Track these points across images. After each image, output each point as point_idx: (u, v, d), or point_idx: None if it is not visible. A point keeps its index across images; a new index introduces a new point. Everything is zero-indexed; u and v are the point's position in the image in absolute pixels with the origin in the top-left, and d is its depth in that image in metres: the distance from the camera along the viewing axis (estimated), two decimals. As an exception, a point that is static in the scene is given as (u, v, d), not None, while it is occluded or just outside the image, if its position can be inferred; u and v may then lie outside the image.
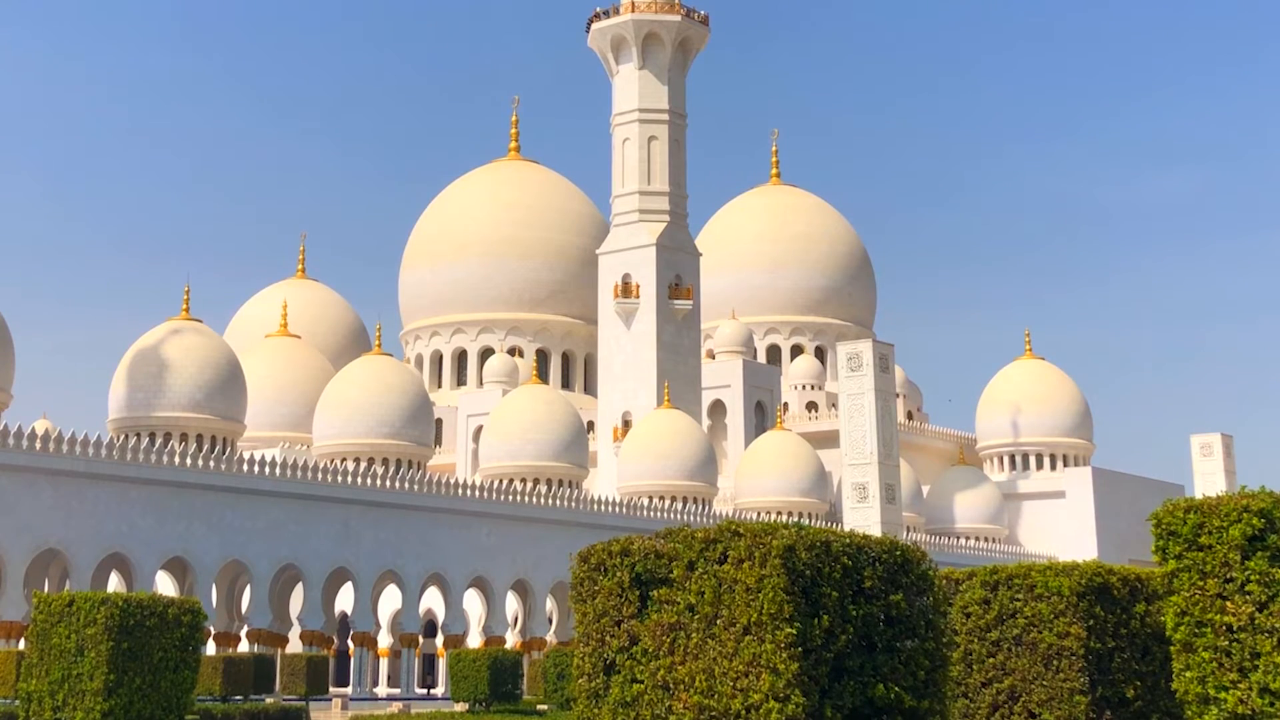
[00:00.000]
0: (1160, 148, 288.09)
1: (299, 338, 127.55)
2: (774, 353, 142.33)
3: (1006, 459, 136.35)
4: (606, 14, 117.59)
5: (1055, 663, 18.66)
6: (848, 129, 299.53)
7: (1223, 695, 13.75)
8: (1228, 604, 13.90)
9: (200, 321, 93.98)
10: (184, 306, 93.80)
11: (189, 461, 71.66)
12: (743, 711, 13.43)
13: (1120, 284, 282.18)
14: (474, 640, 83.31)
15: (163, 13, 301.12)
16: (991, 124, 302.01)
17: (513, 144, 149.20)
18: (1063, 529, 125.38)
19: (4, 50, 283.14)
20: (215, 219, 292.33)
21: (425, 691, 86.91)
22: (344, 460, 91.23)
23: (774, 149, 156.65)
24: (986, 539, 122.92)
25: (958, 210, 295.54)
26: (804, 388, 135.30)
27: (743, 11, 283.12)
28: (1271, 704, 13.41)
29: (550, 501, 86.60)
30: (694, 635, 13.94)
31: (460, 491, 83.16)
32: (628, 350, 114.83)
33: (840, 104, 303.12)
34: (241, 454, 78.10)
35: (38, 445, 66.23)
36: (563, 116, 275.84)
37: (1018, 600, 19.22)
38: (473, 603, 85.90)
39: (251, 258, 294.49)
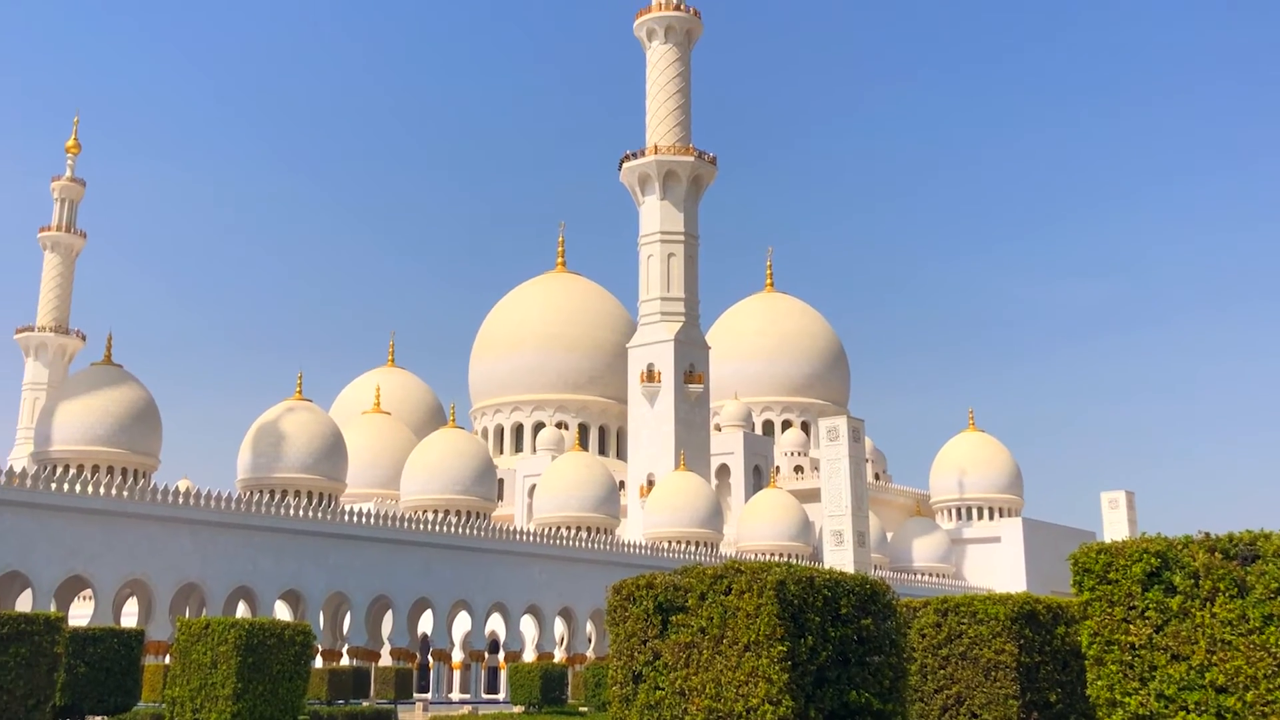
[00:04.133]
0: (1074, 262, 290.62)
1: (389, 414, 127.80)
2: (768, 426, 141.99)
3: (954, 511, 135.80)
4: (635, 155, 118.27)
5: (993, 674, 18.59)
6: (827, 246, 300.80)
7: (1127, 700, 13.70)
8: (1131, 627, 13.87)
9: (310, 401, 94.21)
10: (298, 389, 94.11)
11: (301, 513, 71.75)
12: (744, 713, 13.43)
13: (1045, 370, 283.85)
14: (529, 655, 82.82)
15: (279, 146, 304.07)
16: (942, 239, 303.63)
17: (559, 259, 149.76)
18: (999, 567, 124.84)
19: (153, 179, 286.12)
20: (323, 318, 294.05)
21: (490, 697, 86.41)
22: (425, 512, 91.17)
23: (769, 263, 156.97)
24: (938, 575, 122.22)
25: (915, 309, 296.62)
26: (792, 454, 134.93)
27: (745, 152, 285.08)
28: (1166, 707, 13.37)
29: (589, 545, 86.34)
30: (705, 652, 13.96)
31: (518, 537, 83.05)
32: (651, 424, 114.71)
33: (820, 226, 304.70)
34: (343, 507, 78.12)
35: (181, 500, 66.41)
36: (599, 236, 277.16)
37: (963, 624, 19.17)
38: (528, 625, 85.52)
39: (352, 350, 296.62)
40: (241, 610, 70.37)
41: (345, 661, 74.79)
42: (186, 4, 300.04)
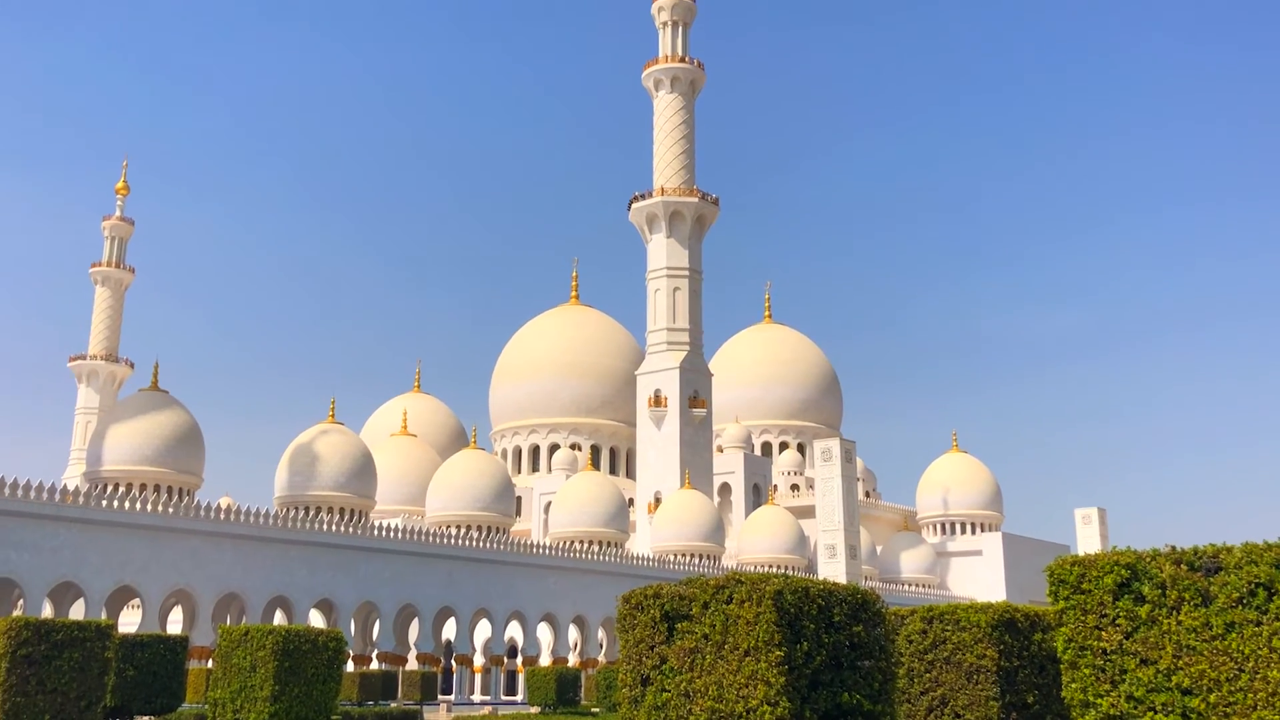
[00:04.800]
0: (1048, 293, 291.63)
1: (415, 436, 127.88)
2: (767, 448, 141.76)
3: (939, 526, 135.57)
4: (643, 196, 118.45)
5: (975, 677, 18.58)
6: (821, 280, 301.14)
7: (1099, 701, 13.73)
8: (1102, 633, 13.90)
9: (342, 424, 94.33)
10: (330, 413, 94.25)
11: (334, 528, 71.77)
12: (744, 714, 13.43)
13: (1023, 394, 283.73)
14: (545, 660, 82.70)
15: (315, 188, 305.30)
16: (928, 272, 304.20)
17: (573, 293, 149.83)
18: (980, 578, 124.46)
19: (198, 219, 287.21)
20: (354, 348, 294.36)
21: (509, 698, 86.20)
22: (448, 527, 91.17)
23: (767, 296, 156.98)
24: (924, 585, 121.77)
25: (903, 338, 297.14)
26: (789, 473, 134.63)
27: (745, 191, 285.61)
28: (1135, 708, 13.39)
29: (601, 558, 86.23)
30: (708, 656, 13.97)
31: (534, 550, 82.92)
32: (658, 446, 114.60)
33: (815, 261, 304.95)
34: (373, 522, 78.14)
35: (222, 516, 66.49)
36: (610, 271, 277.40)
37: (947, 631, 19.16)
38: (544, 632, 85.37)
39: (381, 377, 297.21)
40: (278, 618, 70.35)
41: (374, 665, 74.63)
42: (229, 57, 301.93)
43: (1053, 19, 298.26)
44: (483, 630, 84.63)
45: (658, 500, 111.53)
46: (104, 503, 62.00)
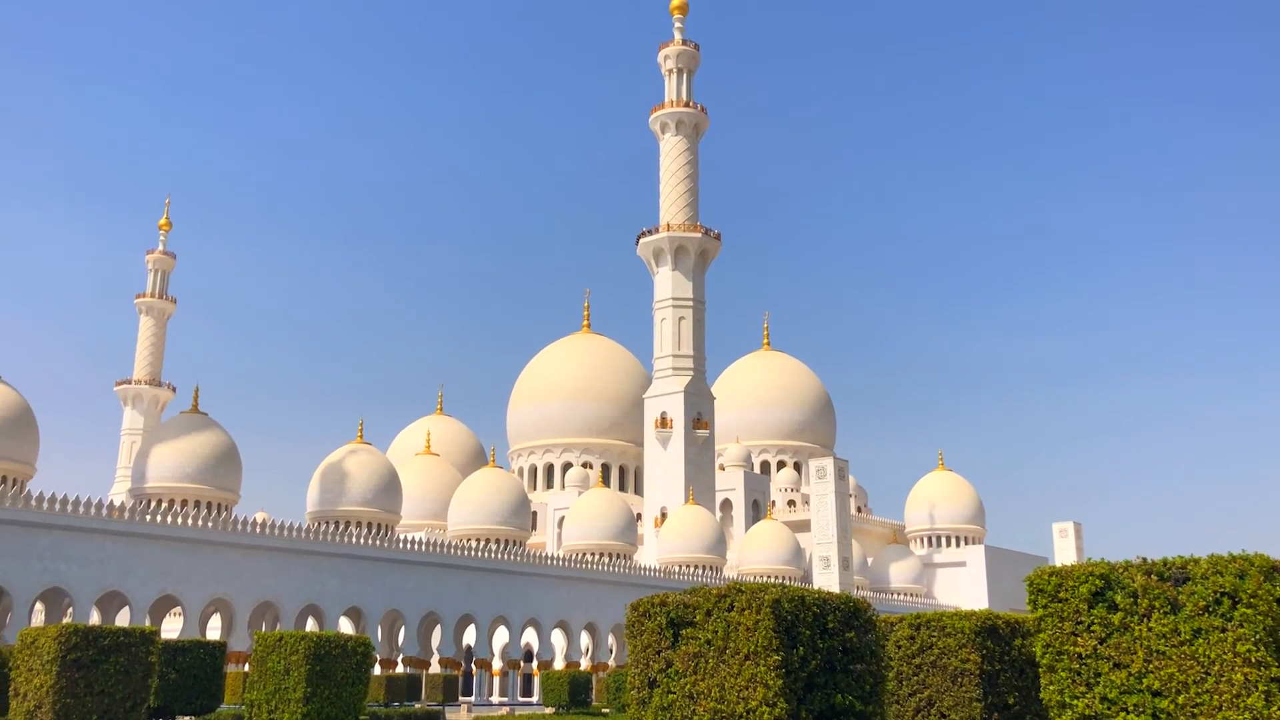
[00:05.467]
0: (1028, 322, 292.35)
1: (438, 455, 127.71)
2: (765, 466, 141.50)
3: (925, 539, 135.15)
4: (650, 232, 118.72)
5: (959, 680, 18.53)
6: (816, 309, 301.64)
7: (1075, 703, 13.71)
8: (1078, 639, 13.89)
9: (370, 444, 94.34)
10: (359, 434, 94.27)
11: (362, 541, 71.73)
12: (744, 714, 13.39)
13: (1004, 416, 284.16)
14: (559, 664, 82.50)
15: (344, 224, 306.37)
16: (916, 302, 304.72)
17: (585, 322, 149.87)
18: (964, 587, 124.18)
19: (235, 253, 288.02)
20: (381, 373, 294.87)
21: (525, 699, 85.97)
22: (469, 540, 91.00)
23: (765, 325, 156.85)
24: (911, 594, 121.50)
25: (893, 364, 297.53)
26: (786, 490, 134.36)
27: (745, 228, 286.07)
28: (1109, 709, 13.37)
29: (611, 568, 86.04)
30: (710, 661, 13.95)
31: (549, 562, 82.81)
32: (664, 464, 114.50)
33: (811, 291, 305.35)
34: (398, 536, 78.12)
35: (258, 530, 66.51)
36: (619, 302, 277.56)
37: (933, 637, 19.13)
38: (558, 638, 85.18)
39: (406, 400, 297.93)
40: (310, 625, 70.31)
41: (400, 669, 74.54)
42: (266, 103, 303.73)
43: (1031, 68, 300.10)
44: (501, 636, 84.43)
45: (664, 515, 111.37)
46: (148, 517, 62.05)
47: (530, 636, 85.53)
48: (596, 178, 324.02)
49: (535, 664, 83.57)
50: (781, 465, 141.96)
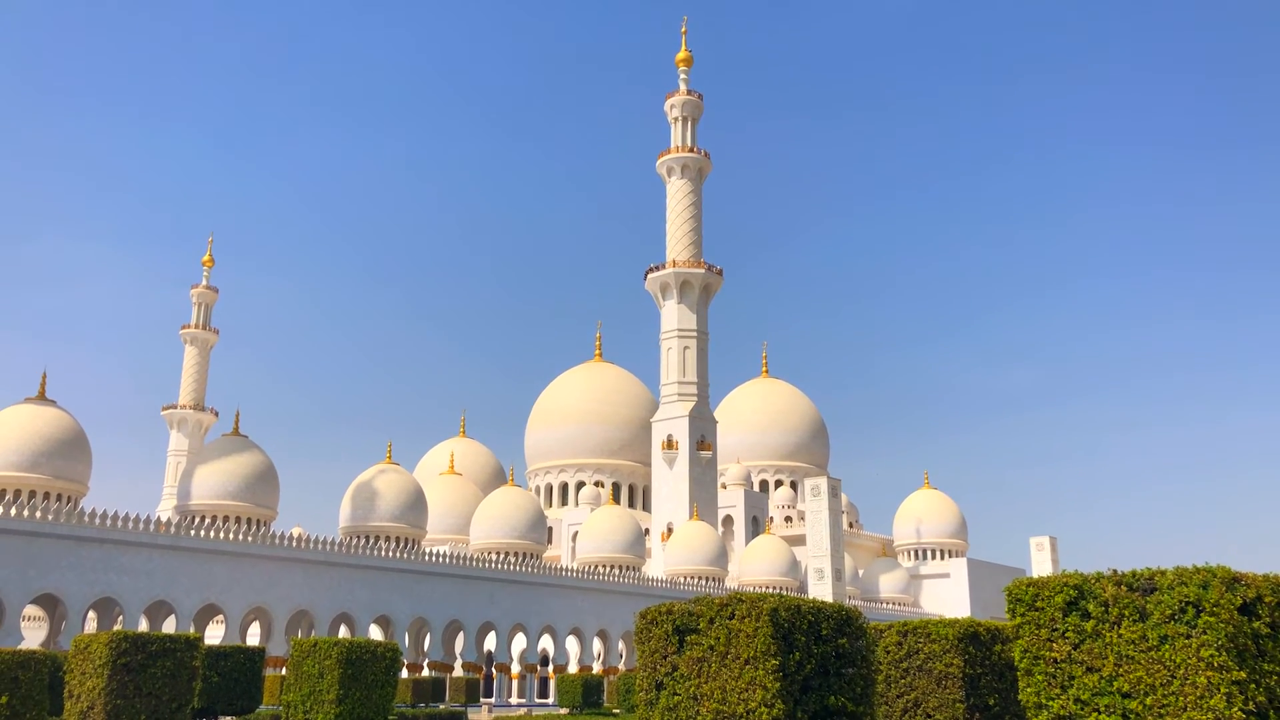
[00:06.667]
0: (1008, 350, 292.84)
1: (461, 475, 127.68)
2: (764, 485, 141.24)
3: (912, 553, 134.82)
4: (657, 268, 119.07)
5: (944, 683, 18.53)
6: (812, 339, 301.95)
7: (1051, 704, 13.71)
8: (1054, 645, 13.91)
9: (398, 464, 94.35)
10: (388, 454, 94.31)
11: (391, 554, 71.72)
12: (744, 715, 13.41)
13: (985, 437, 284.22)
14: (573, 668, 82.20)
15: (373, 261, 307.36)
16: (905, 332, 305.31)
17: (597, 351, 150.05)
18: (948, 597, 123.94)
19: (273, 287, 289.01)
20: (408, 399, 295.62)
21: (541, 701, 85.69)
22: (489, 553, 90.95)
23: (764, 354, 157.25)
24: (899, 604, 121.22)
25: (883, 389, 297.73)
26: (783, 507, 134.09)
27: (746, 264, 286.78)
28: (1083, 709, 13.37)
29: (621, 579, 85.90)
30: (713, 665, 13.98)
31: (564, 573, 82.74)
32: (670, 483, 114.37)
33: (806, 322, 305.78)
34: (424, 549, 78.09)
35: (294, 544, 66.54)
36: (629, 332, 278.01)
37: (919, 643, 19.13)
38: (572, 644, 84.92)
39: (431, 423, 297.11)
40: (342, 631, 70.22)
41: (426, 673, 74.32)
42: (299, 150, 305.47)
43: (1011, 107, 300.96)
44: (519, 642, 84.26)
45: (670, 530, 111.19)
46: (192, 532, 62.13)
47: (546, 642, 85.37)
48: (607, 218, 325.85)
49: (551, 668, 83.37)
50: (779, 484, 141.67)
